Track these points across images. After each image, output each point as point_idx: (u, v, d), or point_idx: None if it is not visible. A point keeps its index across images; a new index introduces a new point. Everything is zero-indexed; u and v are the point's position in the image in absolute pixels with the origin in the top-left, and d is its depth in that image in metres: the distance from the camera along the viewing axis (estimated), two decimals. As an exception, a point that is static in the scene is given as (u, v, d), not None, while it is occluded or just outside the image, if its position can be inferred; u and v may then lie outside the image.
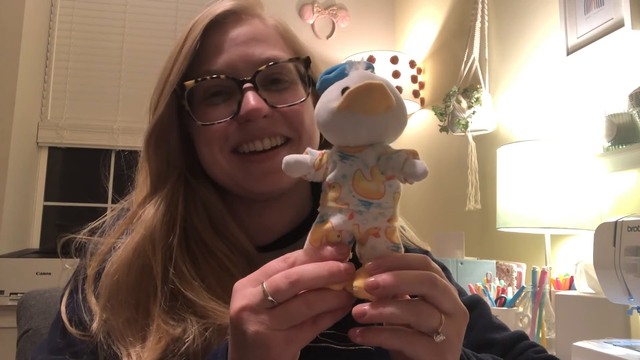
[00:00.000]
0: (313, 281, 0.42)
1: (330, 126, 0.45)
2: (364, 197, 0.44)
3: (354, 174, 0.44)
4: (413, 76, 2.50)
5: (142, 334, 0.57)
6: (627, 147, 1.32)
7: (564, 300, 1.17)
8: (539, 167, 1.41)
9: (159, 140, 0.66)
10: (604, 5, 1.41)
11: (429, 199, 2.44)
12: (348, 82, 0.44)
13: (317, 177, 0.46)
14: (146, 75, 2.73)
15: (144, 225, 0.62)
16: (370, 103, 0.42)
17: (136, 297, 0.59)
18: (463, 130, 1.98)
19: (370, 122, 0.43)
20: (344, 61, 0.64)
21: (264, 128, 0.62)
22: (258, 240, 0.66)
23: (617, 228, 0.84)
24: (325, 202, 0.45)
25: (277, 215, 0.67)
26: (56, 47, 2.78)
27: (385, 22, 3.00)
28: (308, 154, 0.47)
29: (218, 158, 0.63)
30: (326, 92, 0.46)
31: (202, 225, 0.64)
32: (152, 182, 0.66)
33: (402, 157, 0.44)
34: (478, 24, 2.07)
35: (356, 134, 0.44)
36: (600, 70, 1.48)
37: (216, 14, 0.66)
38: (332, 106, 0.43)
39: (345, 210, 0.44)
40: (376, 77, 0.45)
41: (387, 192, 0.44)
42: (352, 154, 0.45)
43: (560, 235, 1.58)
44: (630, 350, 0.82)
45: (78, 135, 2.73)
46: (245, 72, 0.63)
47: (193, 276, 0.60)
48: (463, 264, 1.57)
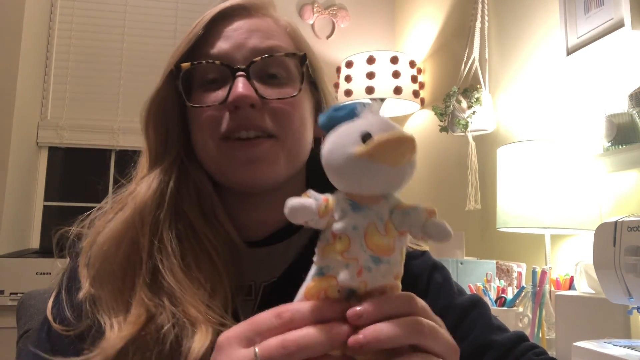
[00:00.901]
0: (313, 350, 0.38)
1: (345, 172, 0.41)
2: (375, 253, 0.41)
3: (367, 227, 0.41)
4: (413, 76, 2.50)
5: (126, 306, 0.57)
6: (627, 147, 1.32)
7: (564, 300, 1.17)
8: (539, 167, 1.41)
9: (157, 118, 0.66)
10: (604, 5, 1.41)
11: (429, 199, 2.44)
12: (368, 127, 0.41)
13: (320, 224, 0.42)
14: (146, 75, 2.74)
15: (136, 200, 0.63)
16: (397, 155, 0.40)
17: (123, 268, 0.59)
18: (463, 130, 1.98)
19: (391, 173, 0.41)
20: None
21: (250, 118, 0.62)
22: (249, 235, 0.66)
23: (617, 228, 0.84)
24: (329, 253, 0.42)
25: (269, 211, 0.67)
26: (56, 47, 2.79)
27: (385, 22, 3.00)
28: (310, 196, 0.43)
29: (208, 144, 0.64)
30: (339, 133, 0.43)
31: (191, 209, 0.64)
32: (149, 160, 0.67)
33: (423, 216, 0.41)
34: (478, 24, 2.07)
35: (373, 183, 0.41)
36: (600, 70, 1.48)
37: (226, 6, 0.67)
38: (349, 151, 0.40)
39: (354, 265, 0.41)
40: (397, 126, 0.43)
41: (397, 248, 0.42)
42: (366, 205, 0.42)
43: (560, 235, 1.58)
44: (630, 350, 0.82)
45: (78, 135, 2.73)
46: (241, 61, 0.63)
47: (175, 253, 0.60)
48: (463, 264, 1.57)
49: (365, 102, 0.45)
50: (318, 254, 0.43)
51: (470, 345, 0.65)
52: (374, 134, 0.40)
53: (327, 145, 0.43)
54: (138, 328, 0.55)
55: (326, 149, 0.43)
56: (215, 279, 0.59)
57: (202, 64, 0.64)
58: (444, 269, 0.74)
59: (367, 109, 0.43)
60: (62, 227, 0.67)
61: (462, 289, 0.73)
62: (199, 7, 2.92)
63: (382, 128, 0.41)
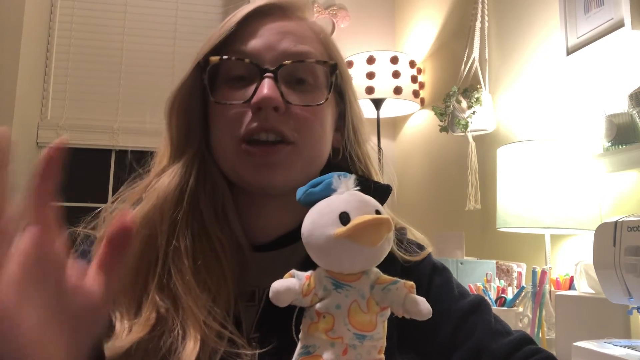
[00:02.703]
0: None
1: (326, 252, 0.43)
2: (359, 331, 0.42)
3: (350, 306, 0.42)
4: (413, 76, 2.50)
5: (136, 304, 0.56)
6: (627, 147, 1.32)
7: (564, 300, 1.17)
8: (539, 167, 1.41)
9: (181, 108, 0.65)
10: (604, 5, 1.41)
11: (429, 199, 2.44)
12: (344, 206, 0.43)
13: (304, 302, 0.43)
14: (146, 76, 2.73)
15: (156, 194, 0.62)
16: (376, 237, 0.41)
17: (137, 265, 0.58)
18: (463, 130, 1.98)
19: (370, 253, 0.42)
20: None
21: (272, 122, 0.61)
22: (255, 238, 0.66)
23: (617, 228, 0.84)
24: (314, 332, 0.42)
25: (278, 214, 0.66)
26: (56, 47, 2.78)
27: (385, 22, 3.00)
28: (293, 275, 0.44)
29: (226, 142, 0.63)
30: (318, 211, 0.44)
31: (206, 208, 0.63)
32: (171, 151, 0.66)
33: (403, 292, 0.43)
34: (478, 24, 2.07)
35: (354, 262, 0.43)
36: (600, 70, 1.48)
37: (262, 4, 0.66)
38: (329, 232, 0.42)
39: (339, 344, 0.41)
40: (371, 202, 0.45)
41: (379, 322, 0.43)
42: (347, 283, 0.43)
43: (560, 235, 1.58)
44: (630, 350, 0.82)
45: (78, 135, 2.73)
46: (270, 62, 0.62)
47: (188, 254, 0.59)
48: (463, 264, 1.57)
49: (340, 174, 0.46)
50: (303, 332, 0.44)
51: (467, 351, 0.64)
52: (351, 213, 0.42)
53: (307, 224, 0.44)
54: (147, 330, 0.54)
55: (307, 228, 0.44)
56: (221, 283, 0.59)
57: (230, 60, 0.63)
58: (444, 270, 0.73)
59: (343, 184, 0.45)
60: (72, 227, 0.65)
61: (464, 290, 0.71)
62: (199, 7, 2.92)
63: (358, 207, 0.43)
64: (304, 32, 0.67)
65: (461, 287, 0.72)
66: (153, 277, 0.58)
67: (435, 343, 0.65)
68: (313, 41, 0.67)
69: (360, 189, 0.46)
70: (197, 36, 2.75)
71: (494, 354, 0.63)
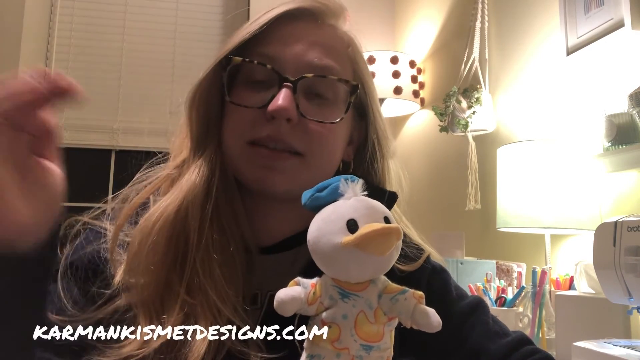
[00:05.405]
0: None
1: (332, 261, 0.42)
2: (365, 341, 0.41)
3: (357, 316, 0.41)
4: (413, 76, 2.50)
5: (161, 302, 0.55)
6: (627, 147, 1.32)
7: (564, 300, 1.17)
8: (539, 167, 1.41)
9: (201, 102, 0.64)
10: (604, 5, 1.41)
11: (429, 199, 2.44)
12: (352, 213, 0.42)
13: (309, 311, 0.42)
14: (146, 75, 2.73)
15: (187, 188, 0.60)
16: (385, 246, 0.40)
17: (166, 261, 0.57)
18: (463, 130, 1.98)
19: (379, 262, 0.41)
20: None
21: (282, 133, 0.60)
22: (259, 240, 0.65)
23: (617, 228, 0.84)
24: (319, 342, 0.41)
25: (281, 218, 0.66)
26: (56, 47, 2.78)
27: (385, 22, 2.99)
28: (299, 283, 0.43)
29: (234, 142, 0.62)
30: (324, 217, 0.43)
31: (226, 206, 0.62)
32: (192, 144, 0.65)
33: (412, 302, 0.42)
34: (478, 24, 2.07)
35: (362, 271, 0.41)
36: (600, 70, 1.48)
37: (293, 7, 0.64)
38: (336, 241, 0.41)
39: (345, 355, 0.41)
40: (379, 209, 0.43)
41: (386, 332, 0.42)
42: (354, 293, 0.42)
43: (560, 235, 1.58)
44: (630, 350, 0.82)
45: (78, 135, 2.73)
46: (292, 72, 0.61)
47: (210, 252, 0.58)
48: (463, 264, 1.57)
49: (347, 177, 0.45)
50: (308, 341, 0.42)
51: (466, 353, 0.64)
52: (359, 220, 0.41)
53: (313, 231, 0.43)
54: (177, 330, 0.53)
55: (313, 235, 0.43)
56: (229, 284, 0.58)
57: (252, 63, 0.62)
58: (443, 271, 0.73)
59: (350, 188, 0.44)
60: (72, 215, 0.65)
61: (462, 292, 0.71)
62: (199, 7, 2.92)
63: (366, 214, 0.41)
64: (332, 44, 0.65)
65: (459, 288, 0.72)
66: (181, 274, 0.57)
67: (434, 345, 0.65)
68: (340, 55, 0.65)
69: (367, 194, 0.45)
70: (197, 36, 2.74)
71: (492, 355, 0.63)
